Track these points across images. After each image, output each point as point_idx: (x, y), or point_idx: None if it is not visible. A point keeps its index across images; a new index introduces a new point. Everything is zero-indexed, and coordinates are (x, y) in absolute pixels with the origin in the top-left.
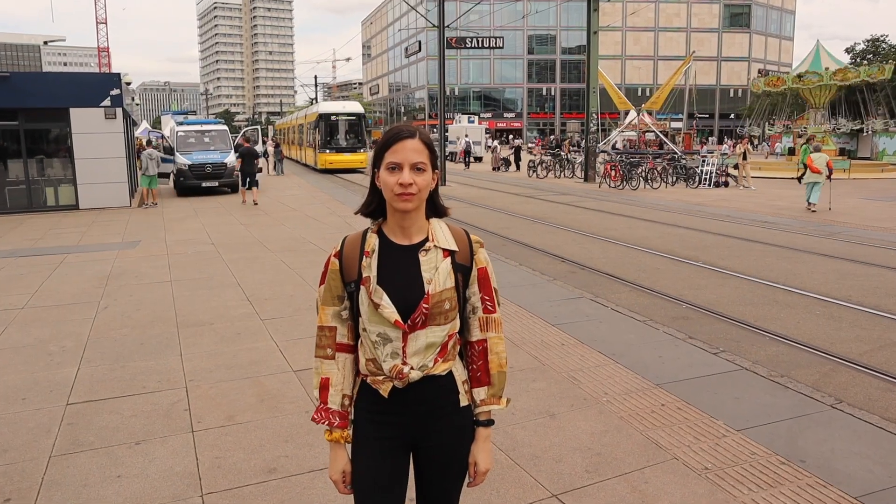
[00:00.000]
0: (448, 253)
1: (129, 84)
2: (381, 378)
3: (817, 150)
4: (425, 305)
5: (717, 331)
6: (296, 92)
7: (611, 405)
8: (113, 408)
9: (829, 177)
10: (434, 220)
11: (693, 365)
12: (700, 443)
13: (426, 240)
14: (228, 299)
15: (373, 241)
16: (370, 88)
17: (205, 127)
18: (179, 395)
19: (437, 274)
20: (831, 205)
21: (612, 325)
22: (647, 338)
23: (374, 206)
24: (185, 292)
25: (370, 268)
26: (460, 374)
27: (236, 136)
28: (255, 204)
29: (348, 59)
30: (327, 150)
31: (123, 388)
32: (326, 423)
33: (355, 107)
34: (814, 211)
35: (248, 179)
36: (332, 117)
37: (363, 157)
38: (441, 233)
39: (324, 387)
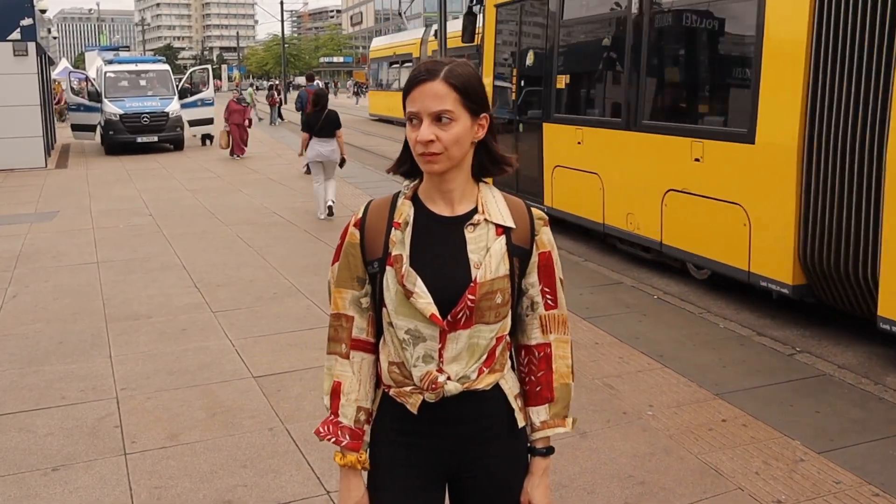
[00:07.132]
0: (502, 230)
1: (44, 12)
2: (408, 389)
3: None
4: (471, 297)
5: (793, 325)
6: (257, 22)
7: (657, 421)
8: (23, 423)
9: None
10: (485, 186)
11: (762, 370)
12: (771, 469)
13: (474, 210)
14: (171, 286)
15: (405, 210)
16: (351, 17)
17: (140, 67)
18: (109, 408)
19: (487, 257)
20: None
21: (658, 318)
22: (703, 335)
23: (409, 165)
24: (116, 277)
25: (402, 244)
26: (511, 386)
27: (181, 79)
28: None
29: None
30: None
31: (37, 399)
32: (333, 439)
33: None
34: None
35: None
36: None
37: None
38: (494, 203)
39: (335, 393)
